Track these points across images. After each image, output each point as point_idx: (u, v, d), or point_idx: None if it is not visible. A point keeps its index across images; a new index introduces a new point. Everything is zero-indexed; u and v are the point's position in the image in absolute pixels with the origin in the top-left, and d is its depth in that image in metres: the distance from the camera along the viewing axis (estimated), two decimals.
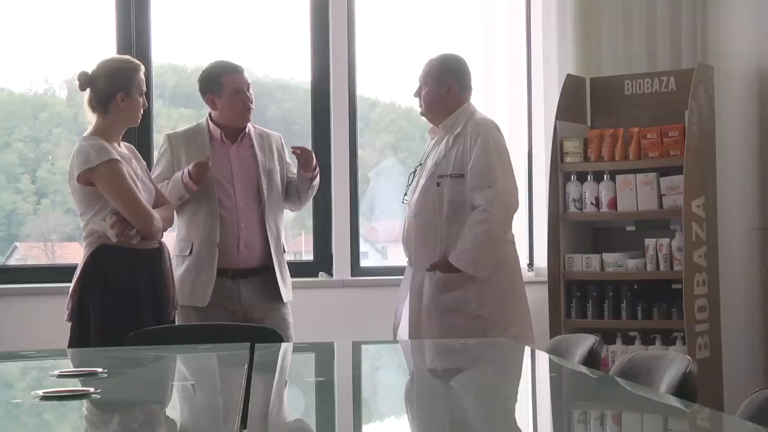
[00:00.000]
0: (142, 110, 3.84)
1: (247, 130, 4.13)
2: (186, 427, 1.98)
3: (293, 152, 4.05)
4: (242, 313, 4.01)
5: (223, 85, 4.06)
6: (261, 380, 2.44)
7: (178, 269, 3.99)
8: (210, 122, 4.11)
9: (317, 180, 4.15)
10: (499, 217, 3.90)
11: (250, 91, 4.10)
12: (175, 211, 3.95)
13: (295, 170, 4.19)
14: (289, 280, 4.16)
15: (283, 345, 3.28)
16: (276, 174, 4.11)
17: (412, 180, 4.20)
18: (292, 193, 4.16)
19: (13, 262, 5.42)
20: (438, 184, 4.00)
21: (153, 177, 4.02)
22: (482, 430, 1.94)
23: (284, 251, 4.15)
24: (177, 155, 4.07)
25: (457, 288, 3.94)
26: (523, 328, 4.02)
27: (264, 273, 4.04)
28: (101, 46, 5.05)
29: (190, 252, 4.00)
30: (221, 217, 4.00)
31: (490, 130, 4.01)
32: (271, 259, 4.04)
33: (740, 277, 4.90)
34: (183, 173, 3.95)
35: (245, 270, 4.02)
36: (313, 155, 4.08)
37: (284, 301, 4.06)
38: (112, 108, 3.75)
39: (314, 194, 4.31)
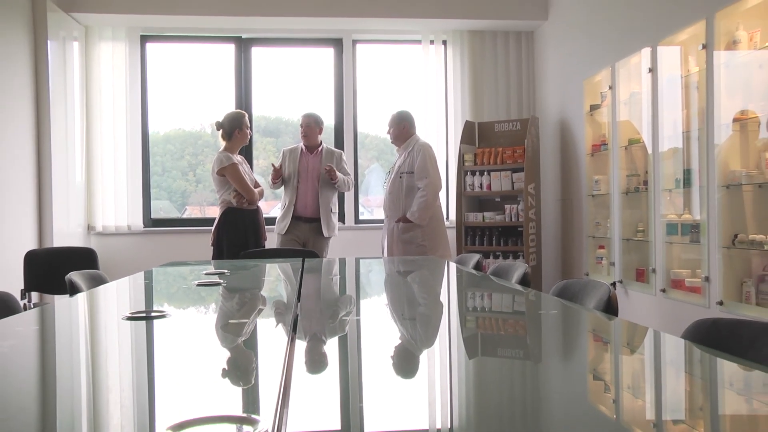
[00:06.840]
0: (249, 137, 3.80)
1: (320, 148, 4.03)
2: (270, 299, 1.96)
3: (325, 168, 3.90)
4: (303, 240, 3.97)
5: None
6: (308, 277, 2.42)
7: (280, 214, 4.00)
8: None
9: (340, 183, 3.95)
10: (430, 194, 3.88)
11: (309, 128, 3.99)
12: (264, 189, 3.92)
13: (349, 171, 4.14)
14: (335, 226, 4.02)
15: (319, 259, 3.26)
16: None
17: (388, 176, 4.15)
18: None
19: (185, 216, 5.40)
20: (400, 177, 3.96)
21: (276, 165, 4.02)
22: (420, 300, 1.93)
23: (332, 211, 4.00)
24: (285, 159, 4.03)
25: (411, 231, 3.92)
26: (445, 251, 4.01)
27: (317, 221, 3.96)
28: (227, 104, 5.03)
29: (284, 206, 3.98)
30: (298, 190, 3.95)
31: (426, 148, 3.97)
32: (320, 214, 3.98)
33: (551, 224, 4.92)
34: (270, 176, 4.00)
35: (308, 218, 3.96)
36: (334, 173, 3.89)
37: (325, 236, 3.96)
38: (234, 137, 3.72)
39: (347, 189, 4.08)
